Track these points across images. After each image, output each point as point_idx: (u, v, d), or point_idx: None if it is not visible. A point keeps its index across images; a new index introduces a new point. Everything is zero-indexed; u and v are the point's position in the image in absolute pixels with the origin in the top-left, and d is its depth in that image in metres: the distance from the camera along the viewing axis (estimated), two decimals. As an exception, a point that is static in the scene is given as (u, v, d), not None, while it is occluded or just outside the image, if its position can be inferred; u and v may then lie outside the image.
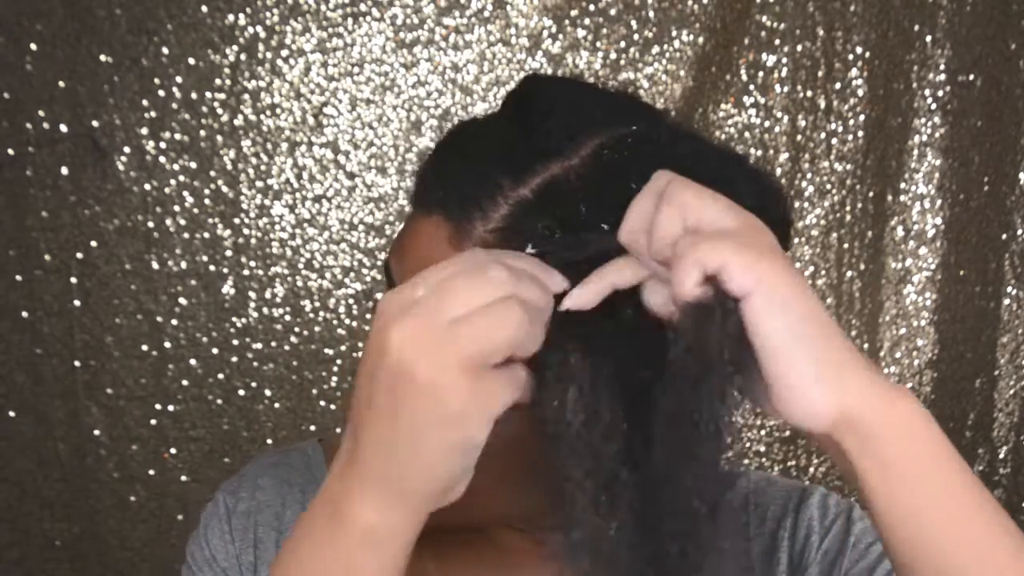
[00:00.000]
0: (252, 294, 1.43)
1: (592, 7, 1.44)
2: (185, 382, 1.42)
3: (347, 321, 1.44)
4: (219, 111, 1.39)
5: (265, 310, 1.43)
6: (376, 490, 0.52)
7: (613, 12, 1.44)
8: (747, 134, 1.50)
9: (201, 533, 0.78)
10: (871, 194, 1.53)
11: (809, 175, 1.52)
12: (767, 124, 1.50)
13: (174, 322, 1.41)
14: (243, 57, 1.39)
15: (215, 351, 1.42)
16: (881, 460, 0.51)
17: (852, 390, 0.51)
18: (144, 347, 1.41)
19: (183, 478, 1.43)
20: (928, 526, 0.52)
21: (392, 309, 0.50)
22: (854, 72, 1.51)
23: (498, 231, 0.58)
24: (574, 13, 1.44)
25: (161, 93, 1.37)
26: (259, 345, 1.43)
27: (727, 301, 0.50)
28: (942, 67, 1.52)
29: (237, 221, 1.41)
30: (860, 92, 1.51)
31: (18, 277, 1.38)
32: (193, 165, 1.39)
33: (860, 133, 1.52)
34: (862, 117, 1.52)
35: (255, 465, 0.79)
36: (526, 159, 0.58)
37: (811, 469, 1.57)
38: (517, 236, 0.57)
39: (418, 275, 0.52)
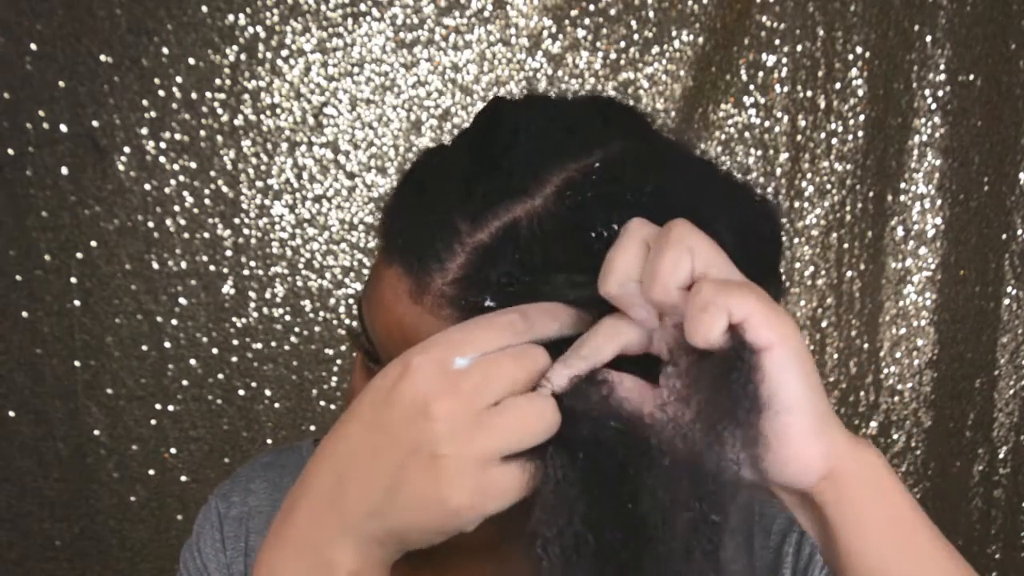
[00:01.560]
0: (252, 294, 1.43)
1: (592, 7, 1.44)
2: (185, 382, 1.42)
3: (347, 321, 1.44)
4: (219, 111, 1.39)
5: (265, 310, 1.43)
6: (356, 537, 0.52)
7: (613, 12, 1.44)
8: (747, 134, 1.50)
9: (194, 542, 0.77)
10: (871, 194, 1.53)
11: (809, 175, 1.52)
12: (767, 124, 1.50)
13: (174, 322, 1.41)
14: (243, 57, 1.39)
15: (215, 351, 1.42)
16: (856, 514, 0.51)
17: (839, 443, 0.51)
18: (144, 347, 1.41)
19: (183, 478, 1.43)
20: (895, 573, 0.52)
21: (438, 374, 0.49)
22: (854, 72, 1.51)
23: (455, 282, 0.55)
24: (574, 13, 1.44)
25: (161, 93, 1.37)
26: (259, 345, 1.43)
27: (746, 352, 0.48)
28: (942, 67, 1.52)
29: (237, 221, 1.41)
30: (860, 92, 1.51)
31: (18, 277, 1.38)
32: (193, 165, 1.39)
33: (860, 133, 1.52)
34: (862, 117, 1.52)
35: (247, 468, 0.79)
36: (486, 201, 0.55)
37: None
38: (475, 287, 0.55)
39: (460, 334, 0.50)
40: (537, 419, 0.49)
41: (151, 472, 1.43)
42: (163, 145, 1.38)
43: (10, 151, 1.35)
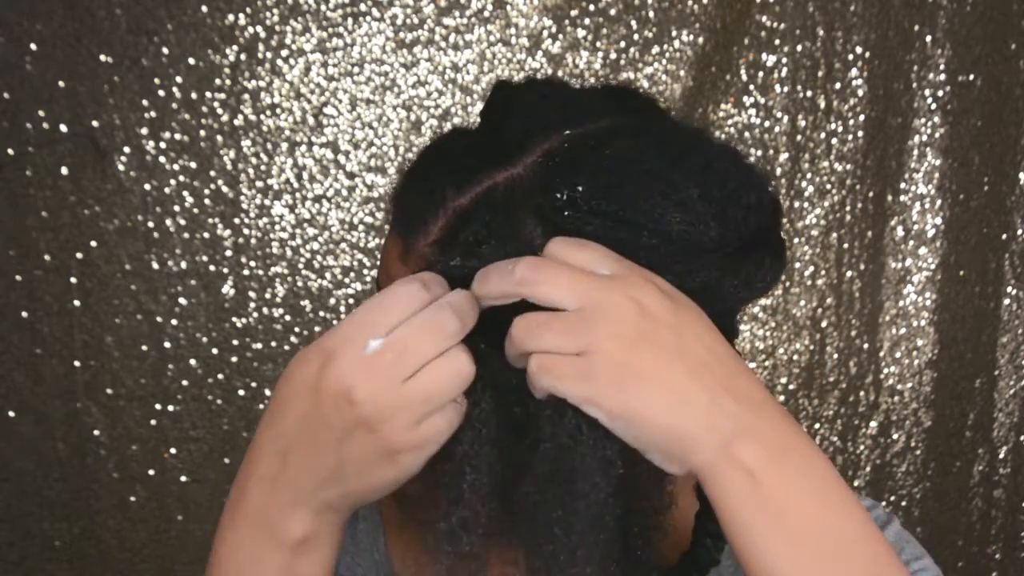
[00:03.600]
0: (252, 294, 1.43)
1: (592, 7, 1.44)
2: (185, 382, 1.42)
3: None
4: (219, 111, 1.39)
5: (265, 310, 1.43)
6: (309, 506, 0.56)
7: (613, 12, 1.44)
8: (747, 134, 1.50)
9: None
10: (871, 194, 1.53)
11: (809, 175, 1.52)
12: (767, 124, 1.50)
13: (174, 322, 1.41)
14: (243, 57, 1.39)
15: (215, 351, 1.42)
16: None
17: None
18: (144, 347, 1.41)
19: (183, 478, 1.43)
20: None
21: (354, 360, 0.53)
22: (854, 72, 1.51)
23: (434, 244, 0.59)
24: (574, 13, 1.44)
25: (161, 93, 1.37)
26: (259, 345, 1.43)
27: None
28: (942, 67, 1.52)
29: (237, 221, 1.41)
30: (860, 92, 1.51)
31: (18, 277, 1.38)
32: (193, 165, 1.39)
33: (860, 133, 1.52)
34: (862, 117, 1.52)
35: None
36: (473, 170, 0.59)
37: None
38: (450, 247, 0.58)
39: (370, 314, 0.54)
40: (453, 377, 0.54)
41: (151, 472, 1.43)
42: (163, 145, 1.38)
43: (10, 151, 1.35)
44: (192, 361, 1.42)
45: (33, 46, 1.35)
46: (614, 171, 0.57)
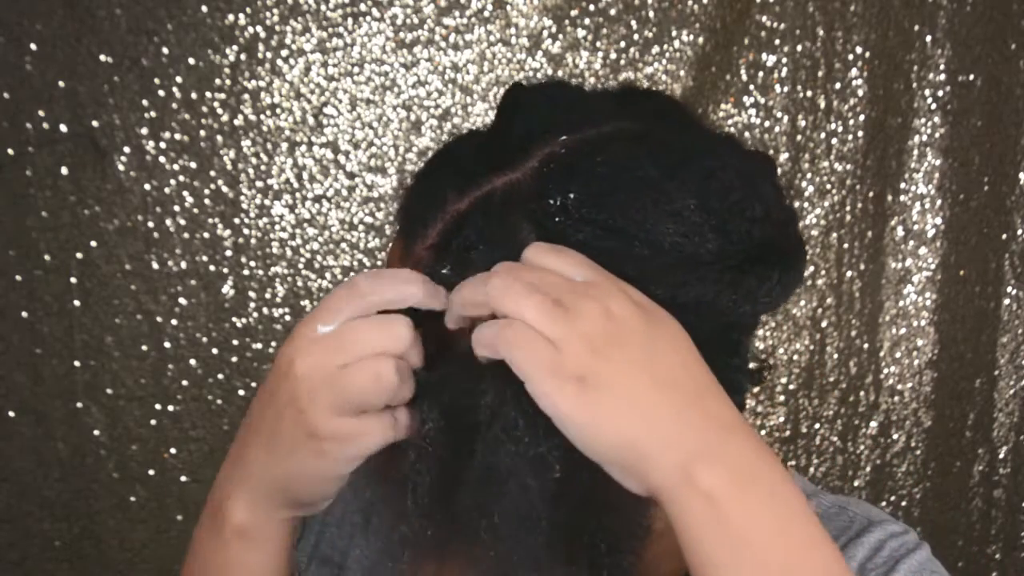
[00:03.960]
0: (252, 294, 1.43)
1: (592, 7, 1.44)
2: (185, 382, 1.42)
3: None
4: (219, 111, 1.39)
5: (265, 310, 1.43)
6: (250, 493, 0.59)
7: (613, 12, 1.44)
8: (747, 134, 1.50)
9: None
10: (871, 194, 1.53)
11: (809, 175, 1.52)
12: (767, 124, 1.50)
13: (174, 322, 1.41)
14: (243, 57, 1.39)
15: (215, 351, 1.42)
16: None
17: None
18: (144, 347, 1.41)
19: (183, 478, 1.43)
20: None
21: (304, 338, 0.55)
22: (854, 72, 1.51)
23: (430, 248, 0.58)
24: (574, 13, 1.44)
25: (161, 93, 1.37)
26: (259, 345, 1.43)
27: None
28: (942, 67, 1.52)
29: (237, 221, 1.41)
30: (860, 92, 1.51)
31: (18, 277, 1.38)
32: (193, 165, 1.39)
33: (860, 133, 1.52)
34: (862, 117, 1.52)
35: None
36: (474, 173, 0.58)
37: (811, 469, 1.57)
38: (444, 252, 0.58)
39: (337, 300, 0.56)
40: (374, 380, 0.54)
41: (151, 472, 1.43)
42: (163, 145, 1.38)
43: (10, 151, 1.35)
44: (192, 361, 1.42)
45: (33, 46, 1.35)
46: (607, 178, 0.56)
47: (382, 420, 0.56)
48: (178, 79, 1.38)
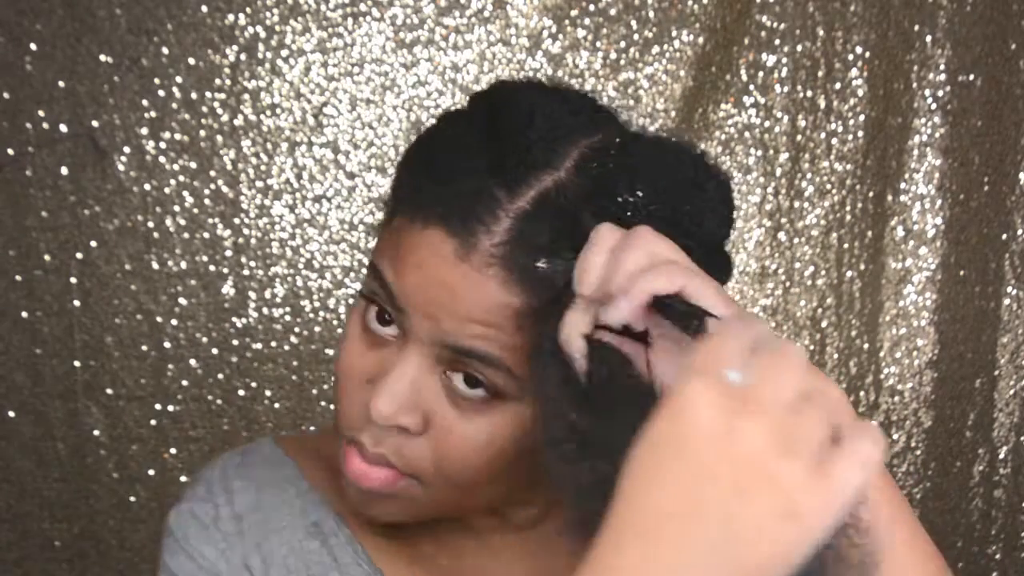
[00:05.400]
0: (252, 294, 1.43)
1: (592, 7, 1.44)
2: (185, 382, 1.42)
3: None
4: (219, 111, 1.39)
5: (265, 310, 1.43)
6: None
7: (613, 12, 1.44)
8: (747, 134, 1.50)
9: (182, 548, 0.76)
10: (871, 194, 1.53)
11: (809, 175, 1.52)
12: (767, 124, 1.50)
13: (174, 322, 1.41)
14: (243, 57, 1.39)
15: (215, 351, 1.42)
16: None
17: None
18: (144, 347, 1.41)
19: (183, 478, 1.43)
20: None
21: (718, 409, 0.46)
22: (854, 72, 1.51)
23: (503, 244, 0.60)
24: (574, 13, 1.44)
25: (161, 93, 1.37)
26: (259, 345, 1.43)
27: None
28: (942, 67, 1.52)
29: (237, 221, 1.41)
30: (860, 92, 1.51)
31: (18, 277, 1.38)
32: (193, 165, 1.39)
33: (860, 133, 1.52)
34: (862, 117, 1.52)
35: (218, 471, 0.78)
36: (517, 172, 0.61)
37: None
38: (523, 249, 0.60)
39: (715, 349, 0.47)
40: (822, 405, 0.47)
41: (151, 472, 1.43)
42: (163, 145, 1.38)
43: (10, 151, 1.35)
44: (192, 361, 1.42)
45: (33, 46, 1.35)
46: (663, 176, 0.62)
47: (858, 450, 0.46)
48: (178, 79, 1.38)
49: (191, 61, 1.38)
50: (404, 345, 0.64)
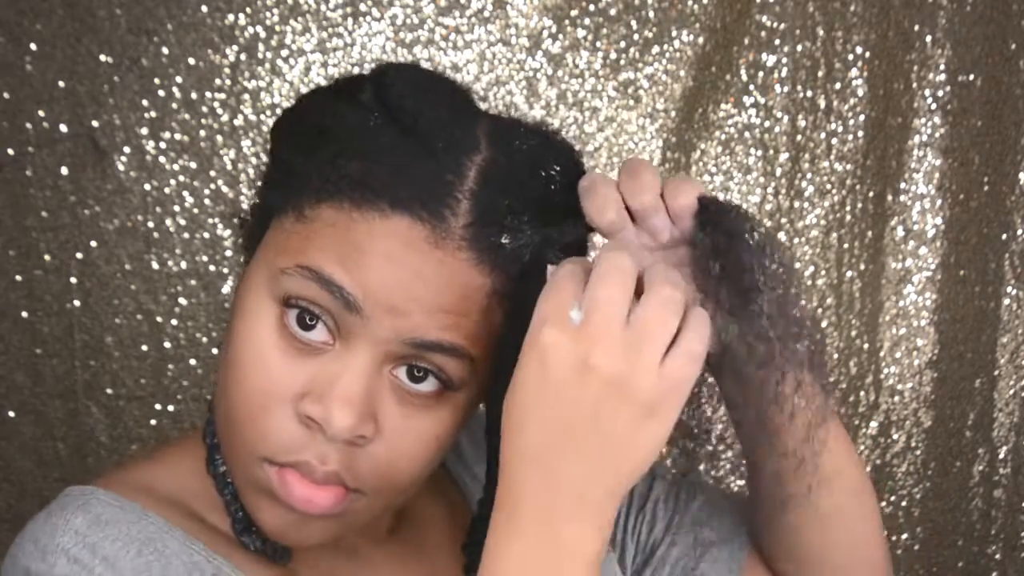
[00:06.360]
0: (252, 294, 1.42)
1: (592, 7, 1.44)
2: (185, 382, 1.42)
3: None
4: (219, 111, 1.39)
5: (265, 310, 1.43)
6: (595, 517, 0.55)
7: (613, 12, 1.44)
8: (747, 134, 1.50)
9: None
10: (871, 194, 1.53)
11: (809, 175, 1.52)
12: (767, 124, 1.50)
13: (174, 322, 1.41)
14: (243, 57, 1.39)
15: (215, 351, 1.42)
16: None
17: None
18: (144, 347, 1.41)
19: (183, 478, 1.43)
20: None
21: (567, 350, 0.54)
22: (854, 72, 1.51)
23: (469, 226, 0.60)
24: (574, 13, 1.44)
25: (161, 93, 1.37)
26: (259, 345, 1.43)
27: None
28: (942, 67, 1.52)
29: (237, 221, 1.41)
30: (860, 92, 1.51)
31: (18, 277, 1.38)
32: (193, 165, 1.39)
33: (860, 133, 1.52)
34: (862, 117, 1.52)
35: (70, 536, 0.60)
36: (452, 153, 0.61)
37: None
38: (486, 228, 0.61)
39: (555, 294, 0.56)
40: (663, 308, 0.56)
41: (151, 472, 1.43)
42: (163, 145, 1.38)
43: (10, 151, 1.35)
44: (192, 361, 1.42)
45: (33, 46, 1.35)
46: (554, 148, 0.66)
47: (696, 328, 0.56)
48: (178, 79, 1.38)
49: (191, 61, 1.38)
50: (348, 348, 0.60)
